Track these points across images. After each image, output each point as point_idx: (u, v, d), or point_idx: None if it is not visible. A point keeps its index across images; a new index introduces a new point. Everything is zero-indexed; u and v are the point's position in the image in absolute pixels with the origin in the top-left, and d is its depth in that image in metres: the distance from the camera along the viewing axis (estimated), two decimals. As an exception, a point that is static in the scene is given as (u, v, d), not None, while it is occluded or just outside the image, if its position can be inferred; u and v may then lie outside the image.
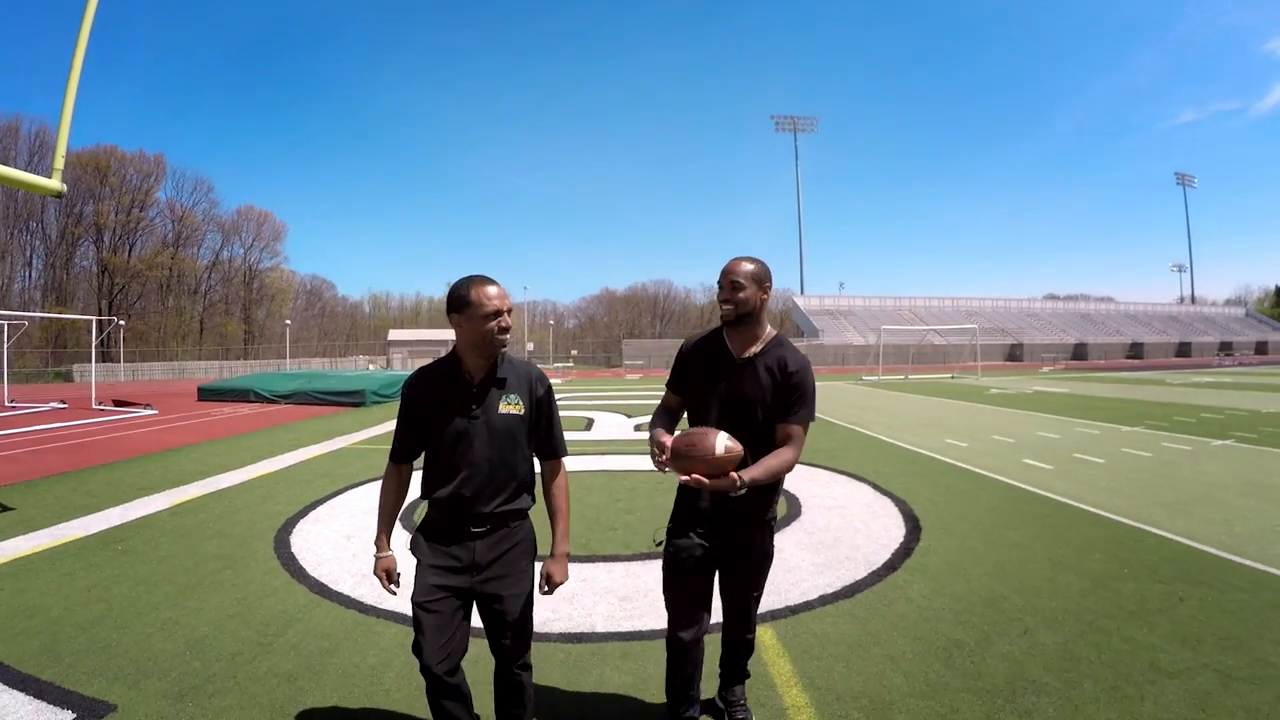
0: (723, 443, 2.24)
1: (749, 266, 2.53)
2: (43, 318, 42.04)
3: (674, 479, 2.39)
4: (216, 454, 10.73)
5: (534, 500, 2.49)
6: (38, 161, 63.98)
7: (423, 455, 2.45)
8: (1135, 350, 73.91)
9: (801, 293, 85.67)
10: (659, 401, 2.80)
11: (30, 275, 68.25)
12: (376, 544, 2.42)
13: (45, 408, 20.18)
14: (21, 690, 3.21)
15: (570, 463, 8.80)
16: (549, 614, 4.09)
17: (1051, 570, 4.76)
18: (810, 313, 77.91)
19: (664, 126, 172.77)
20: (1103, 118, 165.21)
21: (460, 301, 2.29)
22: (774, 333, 2.65)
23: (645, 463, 9.48)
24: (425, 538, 2.39)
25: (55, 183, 6.10)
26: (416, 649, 2.28)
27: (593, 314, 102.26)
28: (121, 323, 26.55)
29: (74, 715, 2.98)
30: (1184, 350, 74.11)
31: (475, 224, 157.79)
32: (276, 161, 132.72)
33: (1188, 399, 19.11)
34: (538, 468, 2.54)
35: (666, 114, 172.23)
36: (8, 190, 59.19)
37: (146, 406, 18.73)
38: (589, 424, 14.75)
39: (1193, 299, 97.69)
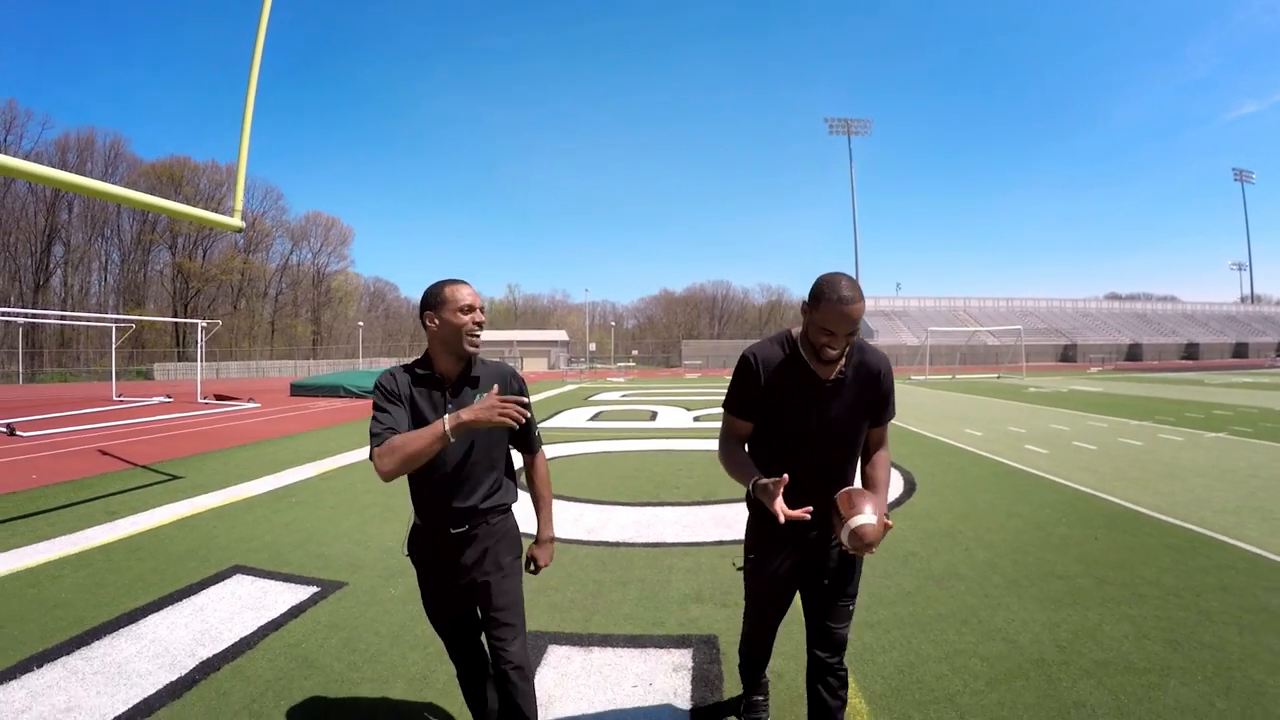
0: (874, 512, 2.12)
1: (861, 304, 2.14)
2: (155, 321, 45.25)
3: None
4: (332, 438, 12.65)
5: (516, 496, 2.51)
6: (112, 171, 68.00)
7: None
8: (1190, 351, 72.90)
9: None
10: (721, 426, 2.54)
11: (107, 279, 72.13)
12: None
13: (153, 401, 22.50)
14: (269, 579, 4.84)
15: (639, 444, 10.83)
16: (633, 533, 5.91)
17: (1004, 518, 6.20)
18: (866, 314, 78.39)
19: (718, 127, 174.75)
20: (1164, 111, 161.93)
21: (434, 298, 2.31)
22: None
23: (700, 444, 11.40)
24: (412, 544, 2.46)
25: (236, 220, 7.87)
26: (450, 653, 2.54)
27: (651, 314, 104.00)
28: (215, 324, 29.04)
29: (318, 589, 4.61)
30: (1241, 351, 72.87)
31: (532, 226, 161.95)
32: (339, 168, 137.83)
33: (1212, 397, 19.92)
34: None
35: (720, 115, 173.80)
36: (85, 199, 62.93)
37: (250, 401, 20.91)
38: (654, 415, 16.81)
39: (1252, 298, 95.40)
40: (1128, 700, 3.04)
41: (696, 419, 15.92)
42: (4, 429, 14.08)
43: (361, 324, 69.83)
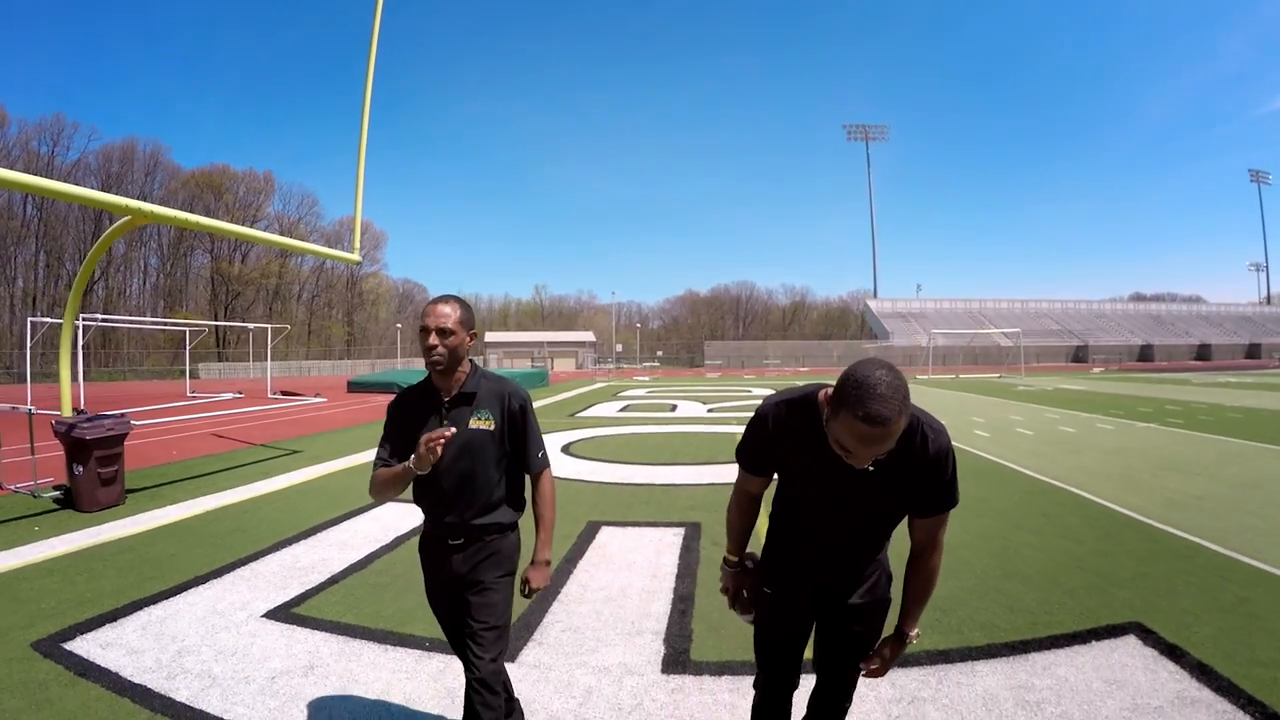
0: None
1: (898, 422, 1.59)
2: (221, 326, 49.01)
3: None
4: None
5: (518, 514, 2.50)
6: (150, 180, 70.93)
7: None
8: (1202, 352, 73.24)
9: (875, 295, 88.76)
10: (733, 483, 2.24)
11: (146, 283, 75.05)
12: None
13: (226, 397, 24.92)
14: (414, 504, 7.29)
15: (660, 428, 13.93)
16: (652, 480, 8.41)
17: (917, 474, 8.55)
18: (883, 315, 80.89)
19: (744, 130, 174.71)
20: (1192, 108, 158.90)
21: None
22: None
23: (709, 428, 14.19)
24: (420, 550, 2.55)
25: (355, 255, 10.33)
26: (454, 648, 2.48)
27: (676, 315, 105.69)
28: (284, 328, 31.76)
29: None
30: (1254, 352, 73.03)
31: (560, 228, 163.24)
32: (370, 170, 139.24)
33: (1182, 395, 21.80)
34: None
35: (747, 118, 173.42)
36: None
37: (316, 395, 23.39)
38: (674, 407, 19.93)
39: (1268, 299, 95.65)
40: (933, 555, 5.38)
41: (710, 410, 18.75)
42: (121, 418, 16.61)
43: (400, 325, 72.98)
